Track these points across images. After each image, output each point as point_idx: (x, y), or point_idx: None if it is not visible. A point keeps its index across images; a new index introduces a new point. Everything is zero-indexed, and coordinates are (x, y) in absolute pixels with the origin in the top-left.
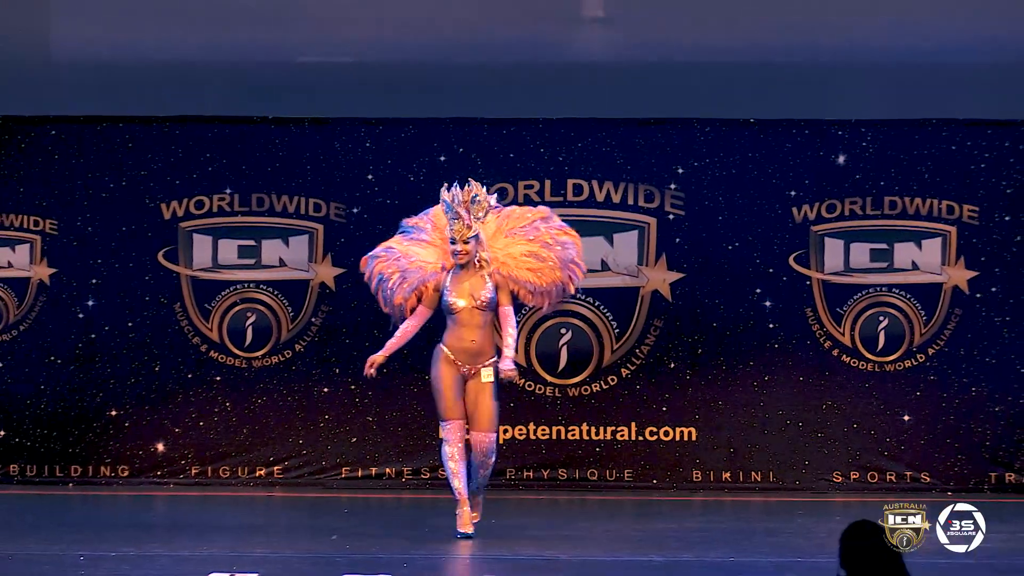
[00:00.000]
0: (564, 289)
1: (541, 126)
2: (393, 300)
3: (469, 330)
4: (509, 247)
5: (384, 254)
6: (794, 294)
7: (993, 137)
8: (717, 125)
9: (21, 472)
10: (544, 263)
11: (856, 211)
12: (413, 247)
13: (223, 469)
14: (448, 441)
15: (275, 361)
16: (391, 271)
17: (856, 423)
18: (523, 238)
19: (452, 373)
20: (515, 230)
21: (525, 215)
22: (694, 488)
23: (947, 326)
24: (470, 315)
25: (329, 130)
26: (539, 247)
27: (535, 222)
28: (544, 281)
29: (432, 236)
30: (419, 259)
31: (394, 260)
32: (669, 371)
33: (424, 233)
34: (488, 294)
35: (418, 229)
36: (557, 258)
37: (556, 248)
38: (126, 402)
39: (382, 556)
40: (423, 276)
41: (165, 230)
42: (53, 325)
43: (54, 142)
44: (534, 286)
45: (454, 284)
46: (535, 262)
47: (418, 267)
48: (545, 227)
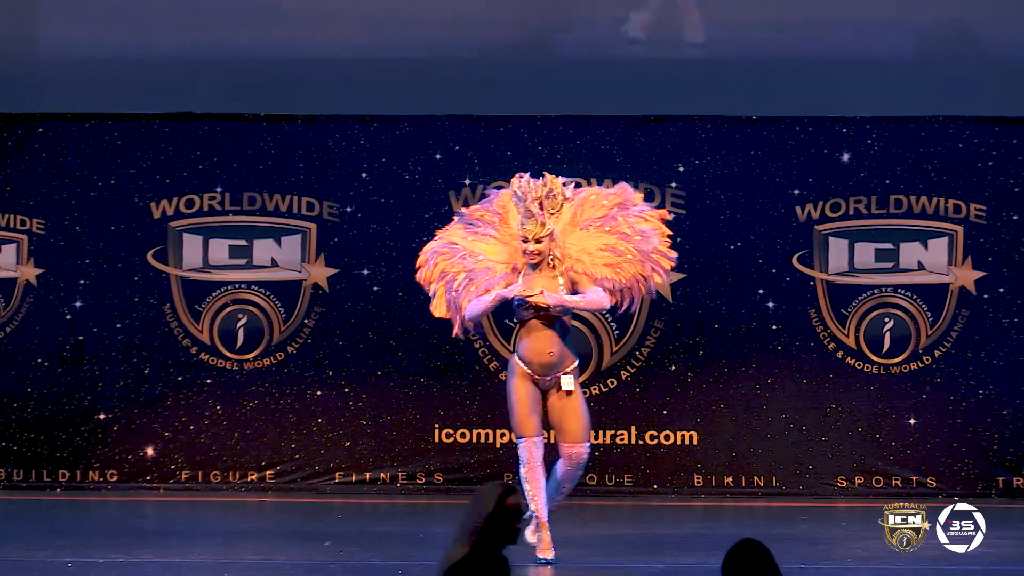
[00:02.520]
0: (648, 283)
1: (539, 123)
2: (459, 304)
3: (543, 338)
4: (584, 241)
5: (447, 250)
6: (797, 295)
7: (1000, 135)
8: (719, 122)
9: (7, 477)
10: (622, 256)
11: (861, 210)
12: (478, 243)
13: (214, 474)
14: (523, 461)
15: (267, 363)
16: (456, 271)
17: (861, 427)
18: (599, 230)
19: (527, 387)
20: (590, 221)
21: (601, 203)
22: (695, 493)
23: (954, 328)
24: (546, 320)
25: (322, 127)
26: (616, 239)
27: (612, 211)
28: (624, 277)
29: (500, 231)
30: (487, 258)
31: (459, 259)
32: (670, 373)
33: (491, 227)
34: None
35: (483, 222)
36: (637, 250)
37: (636, 239)
38: (115, 405)
39: (376, 563)
40: (492, 279)
41: (154, 229)
42: (40, 326)
43: (42, 140)
44: (613, 283)
45: (525, 287)
46: (612, 256)
47: (486, 268)
48: (623, 216)
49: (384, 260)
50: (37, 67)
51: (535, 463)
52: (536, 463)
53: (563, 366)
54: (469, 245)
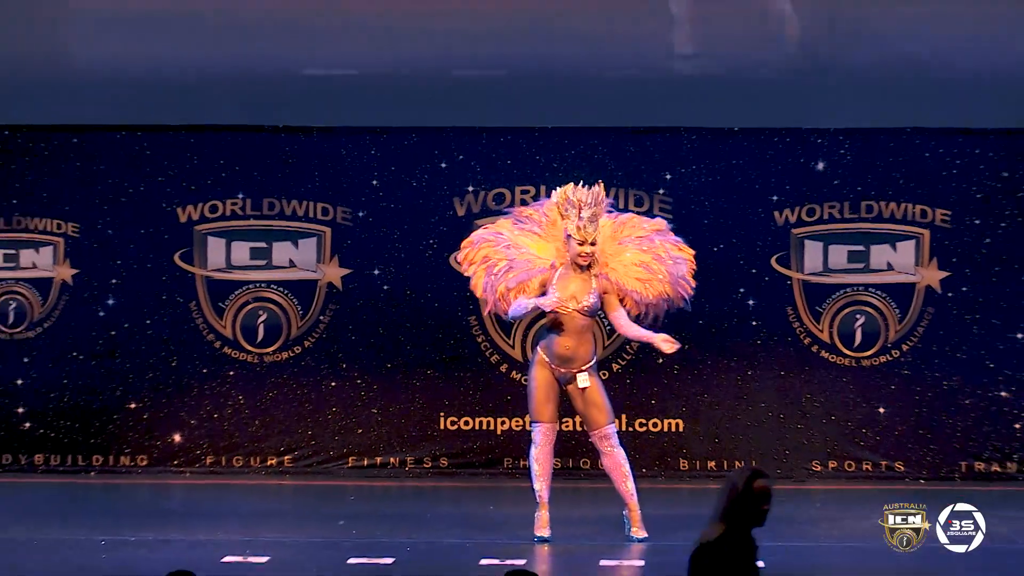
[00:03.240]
0: (671, 303)
1: (537, 134)
2: (495, 287)
3: (566, 334)
4: (620, 254)
5: (493, 238)
6: (776, 293)
7: (964, 145)
8: (703, 133)
9: (46, 462)
10: (654, 275)
11: (834, 215)
12: (523, 238)
13: (236, 459)
14: (535, 443)
15: (285, 357)
16: (499, 257)
17: (834, 415)
18: (637, 248)
19: (545, 376)
20: (629, 239)
21: (642, 225)
22: (681, 476)
23: (920, 324)
24: (571, 318)
25: (336, 138)
26: (651, 259)
27: (651, 234)
28: (651, 293)
29: (545, 230)
30: (528, 252)
31: (503, 247)
32: (657, 366)
33: (537, 226)
34: (592, 299)
35: (530, 220)
36: (668, 272)
37: (668, 262)
38: (144, 395)
39: (385, 540)
40: (531, 270)
41: (181, 233)
42: (75, 323)
43: (76, 150)
44: (640, 296)
45: (560, 285)
46: (645, 273)
47: (527, 259)
48: (660, 240)
49: (393, 261)
50: (72, 83)
51: (546, 446)
52: (547, 447)
53: (581, 362)
54: (514, 238)
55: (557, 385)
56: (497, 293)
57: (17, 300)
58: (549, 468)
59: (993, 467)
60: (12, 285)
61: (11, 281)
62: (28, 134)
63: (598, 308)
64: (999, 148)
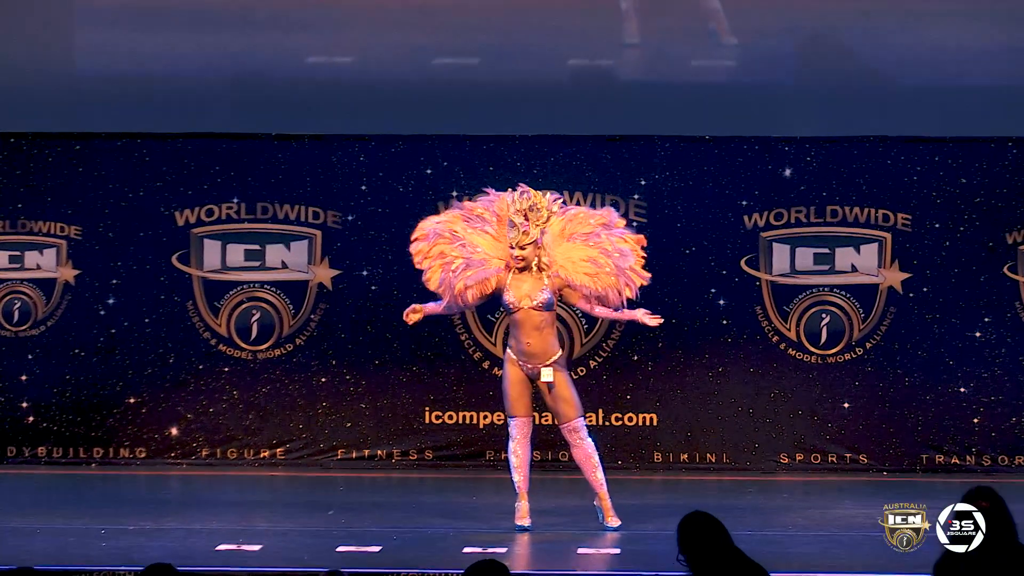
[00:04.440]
0: (620, 294)
1: (518, 142)
2: (453, 285)
3: (526, 331)
4: (570, 251)
5: (448, 236)
6: (745, 294)
7: (925, 152)
8: (676, 141)
9: (48, 454)
10: (601, 269)
11: (801, 219)
12: (476, 237)
13: (231, 451)
14: (512, 437)
15: (278, 354)
16: (455, 255)
17: (801, 410)
18: (584, 243)
19: (515, 372)
20: (577, 235)
21: (588, 220)
22: (655, 468)
23: (883, 323)
24: (527, 316)
25: (326, 145)
26: (598, 253)
27: (597, 229)
28: (599, 286)
29: (496, 230)
30: (484, 252)
31: (459, 246)
32: (632, 363)
33: (488, 225)
34: (545, 295)
35: (481, 220)
36: (614, 265)
37: (614, 255)
38: (143, 390)
39: (374, 529)
40: (487, 270)
41: (178, 236)
42: (77, 321)
43: (79, 156)
44: (589, 290)
45: (514, 284)
46: (592, 267)
47: (482, 260)
48: (606, 235)
49: (381, 263)
50: (75, 92)
51: (523, 439)
52: (523, 439)
53: (545, 356)
54: (468, 236)
55: (528, 380)
56: (455, 289)
57: (22, 299)
58: (527, 460)
59: (953, 459)
60: (17, 285)
61: (16, 281)
62: (33, 141)
63: (552, 303)
64: (958, 155)
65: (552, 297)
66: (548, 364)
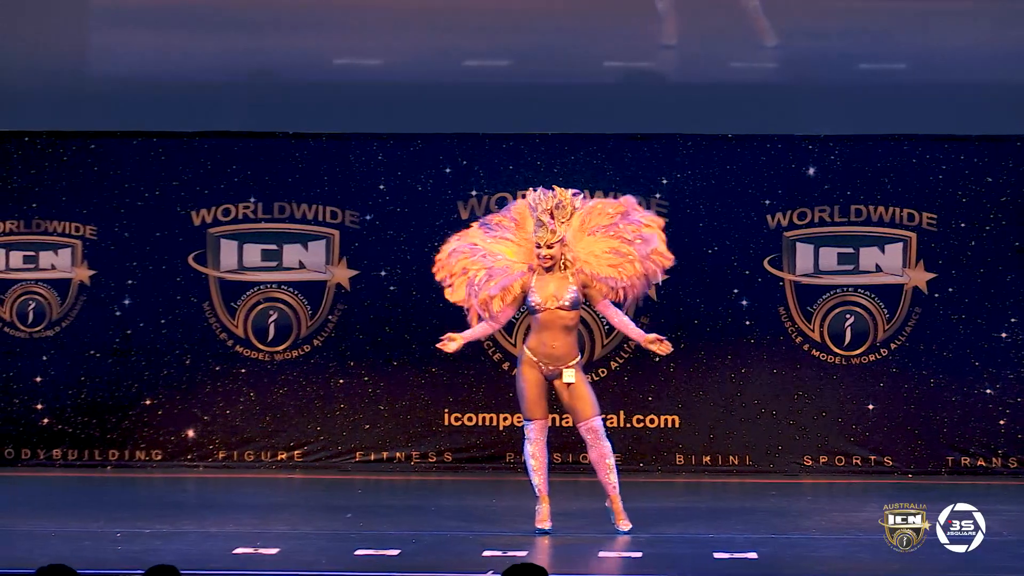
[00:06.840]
0: (648, 280)
1: (538, 141)
2: (478, 297)
3: (552, 332)
4: (592, 245)
5: (468, 250)
6: (768, 294)
7: (950, 151)
8: (698, 140)
9: (64, 456)
10: (624, 258)
11: (825, 218)
12: (496, 245)
13: (248, 453)
14: (530, 440)
15: (295, 355)
16: (477, 267)
17: (825, 412)
18: (605, 235)
19: (534, 375)
20: (597, 227)
21: (606, 211)
22: (677, 471)
23: (908, 323)
24: (553, 316)
25: (344, 144)
26: (619, 243)
27: (616, 219)
28: (625, 275)
29: (516, 235)
30: (505, 258)
31: (480, 257)
32: (654, 364)
33: (507, 231)
34: (571, 295)
35: (500, 227)
36: (637, 251)
37: (636, 243)
38: (159, 392)
39: (392, 532)
40: (510, 276)
41: (195, 235)
42: (93, 322)
43: (94, 155)
44: (615, 281)
45: (539, 286)
46: (615, 257)
47: (504, 266)
48: (625, 223)
49: (400, 263)
50: (90, 91)
51: (540, 442)
52: (541, 442)
53: (567, 359)
54: (488, 246)
55: (545, 382)
56: (480, 301)
57: (36, 300)
58: (546, 462)
59: (979, 462)
60: (32, 286)
61: (31, 282)
62: (48, 140)
63: (580, 302)
64: (983, 154)
65: (579, 296)
66: (571, 365)
